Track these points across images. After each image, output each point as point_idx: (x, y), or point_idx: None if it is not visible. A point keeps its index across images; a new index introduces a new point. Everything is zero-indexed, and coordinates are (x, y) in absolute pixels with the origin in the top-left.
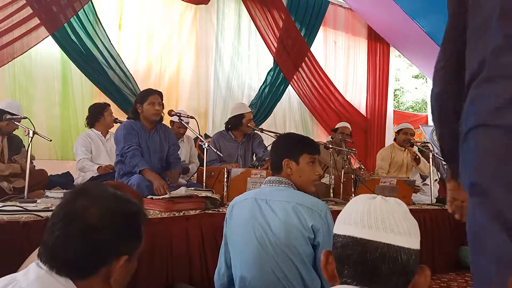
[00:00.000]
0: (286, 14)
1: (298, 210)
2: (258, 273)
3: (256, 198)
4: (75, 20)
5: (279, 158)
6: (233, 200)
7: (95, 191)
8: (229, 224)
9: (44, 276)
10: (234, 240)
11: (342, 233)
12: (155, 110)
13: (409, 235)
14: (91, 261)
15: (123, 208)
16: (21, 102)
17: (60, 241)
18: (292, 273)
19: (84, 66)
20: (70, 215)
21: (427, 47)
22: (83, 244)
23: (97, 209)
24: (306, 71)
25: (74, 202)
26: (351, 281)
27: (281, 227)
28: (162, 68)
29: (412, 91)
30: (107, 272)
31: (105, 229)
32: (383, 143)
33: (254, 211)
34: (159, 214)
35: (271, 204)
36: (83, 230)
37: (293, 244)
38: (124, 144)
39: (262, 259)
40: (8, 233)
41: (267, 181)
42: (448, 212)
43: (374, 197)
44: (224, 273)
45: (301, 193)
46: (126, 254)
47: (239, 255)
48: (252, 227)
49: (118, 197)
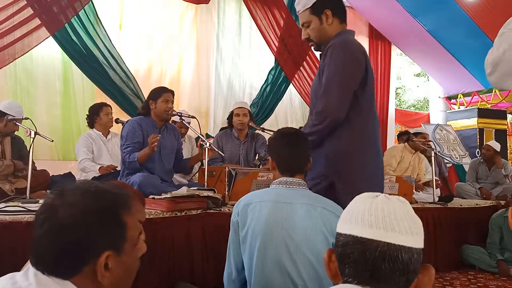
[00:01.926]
0: (287, 12)
1: (323, 214)
2: (275, 277)
3: (276, 201)
4: (76, 20)
5: (306, 159)
6: (243, 201)
7: (70, 190)
8: (243, 226)
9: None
10: (251, 243)
11: (343, 232)
12: (168, 107)
13: (411, 233)
14: (68, 259)
15: (95, 204)
16: (23, 103)
17: (37, 242)
18: (311, 279)
19: (85, 66)
20: (44, 216)
21: (428, 45)
22: (56, 244)
23: (66, 208)
24: (307, 69)
25: (51, 202)
26: (352, 279)
27: (306, 231)
28: (163, 67)
29: (414, 89)
30: (92, 270)
31: (75, 227)
32: (385, 141)
33: (275, 214)
34: (160, 214)
35: (295, 207)
36: (54, 230)
37: (317, 249)
38: (125, 142)
39: (281, 263)
40: (10, 233)
41: (281, 182)
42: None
43: (377, 196)
44: (236, 278)
45: (320, 196)
46: (108, 250)
47: (256, 258)
48: (272, 230)
49: (90, 193)
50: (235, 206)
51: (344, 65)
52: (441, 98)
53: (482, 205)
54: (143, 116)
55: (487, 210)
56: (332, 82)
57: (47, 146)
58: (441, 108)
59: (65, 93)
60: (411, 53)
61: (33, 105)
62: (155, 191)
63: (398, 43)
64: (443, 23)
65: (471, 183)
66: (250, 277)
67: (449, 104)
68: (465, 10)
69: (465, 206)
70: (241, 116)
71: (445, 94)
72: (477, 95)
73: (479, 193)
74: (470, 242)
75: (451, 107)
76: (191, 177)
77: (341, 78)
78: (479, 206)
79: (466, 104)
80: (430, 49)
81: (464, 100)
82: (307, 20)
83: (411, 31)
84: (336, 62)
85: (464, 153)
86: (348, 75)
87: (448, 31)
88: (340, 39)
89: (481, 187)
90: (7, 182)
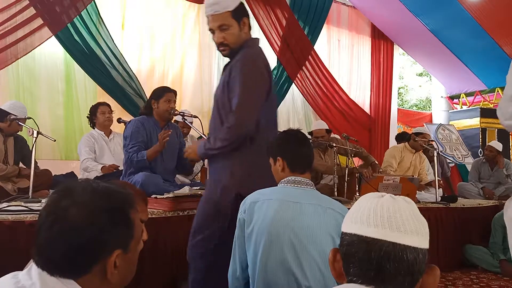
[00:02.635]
0: (289, 12)
1: (331, 214)
2: (279, 276)
3: (283, 200)
4: (78, 20)
5: (312, 157)
6: (249, 199)
7: (77, 189)
8: (249, 223)
9: (46, 275)
10: (256, 241)
11: (349, 231)
12: (170, 107)
13: (416, 234)
14: (79, 261)
15: (105, 204)
16: (25, 103)
17: (46, 242)
18: (316, 280)
19: (87, 66)
20: (53, 216)
21: (431, 44)
22: (68, 244)
23: (78, 208)
24: (309, 69)
25: (57, 202)
26: (356, 279)
27: (313, 231)
28: (165, 67)
29: (416, 89)
30: (101, 269)
31: (88, 228)
32: (387, 141)
33: (282, 212)
34: (163, 214)
35: (303, 207)
36: (66, 230)
37: (323, 250)
38: (130, 141)
39: (286, 262)
40: (13, 233)
41: (290, 181)
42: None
43: (383, 196)
44: (240, 275)
45: (327, 196)
46: (117, 248)
47: (260, 257)
48: (278, 228)
49: (100, 192)
50: (242, 204)
51: (254, 81)
52: (443, 97)
53: (485, 205)
54: (146, 116)
55: (490, 210)
56: (244, 98)
57: (50, 145)
58: (444, 107)
59: (68, 93)
60: (413, 52)
61: (36, 105)
62: (158, 191)
63: (401, 43)
64: (445, 23)
65: (473, 183)
66: (253, 274)
67: (451, 104)
68: (468, 10)
69: (468, 206)
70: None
71: (448, 93)
72: (480, 95)
73: (481, 193)
74: (472, 242)
75: (453, 107)
76: (193, 177)
77: (252, 93)
78: (482, 206)
79: (469, 103)
80: (433, 48)
81: (467, 100)
82: (227, 23)
83: (414, 30)
84: (246, 77)
85: (467, 153)
86: (258, 91)
87: (450, 31)
88: (248, 53)
89: (484, 187)
90: (10, 181)
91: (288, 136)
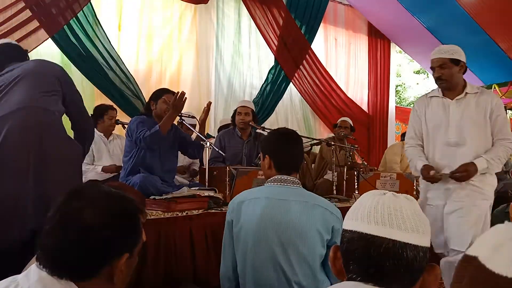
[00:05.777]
0: (286, 12)
1: (318, 210)
2: (269, 273)
3: (270, 198)
4: (75, 22)
5: (302, 158)
6: (237, 199)
7: (89, 191)
8: (236, 222)
9: (46, 277)
10: (244, 240)
11: (349, 228)
12: (167, 108)
13: (417, 231)
14: (92, 263)
15: (118, 207)
16: None
17: (58, 245)
18: (305, 275)
19: (84, 67)
20: (66, 218)
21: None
22: (82, 247)
23: (92, 210)
24: (307, 68)
25: (69, 205)
26: (356, 276)
27: (300, 227)
28: (163, 68)
29: (414, 86)
30: (110, 271)
31: (102, 230)
32: (385, 139)
33: (269, 210)
34: (162, 215)
35: (290, 204)
36: (80, 232)
37: (311, 245)
38: (137, 130)
39: (275, 259)
40: None
41: (276, 180)
42: None
43: (384, 193)
44: (231, 275)
45: (313, 193)
46: (126, 252)
47: (249, 255)
48: (266, 226)
49: (112, 196)
50: (230, 204)
51: None
52: None
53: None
54: (145, 116)
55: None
56: None
57: None
58: None
59: None
60: (410, 50)
61: None
62: (156, 192)
63: (397, 41)
64: (442, 21)
65: None
66: (243, 272)
67: None
68: (464, 7)
69: None
70: (243, 115)
71: None
72: None
73: None
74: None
75: None
76: (192, 178)
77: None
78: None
79: None
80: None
81: None
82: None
83: (410, 28)
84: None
85: None
86: None
87: (447, 29)
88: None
89: None
90: None
91: (279, 136)
